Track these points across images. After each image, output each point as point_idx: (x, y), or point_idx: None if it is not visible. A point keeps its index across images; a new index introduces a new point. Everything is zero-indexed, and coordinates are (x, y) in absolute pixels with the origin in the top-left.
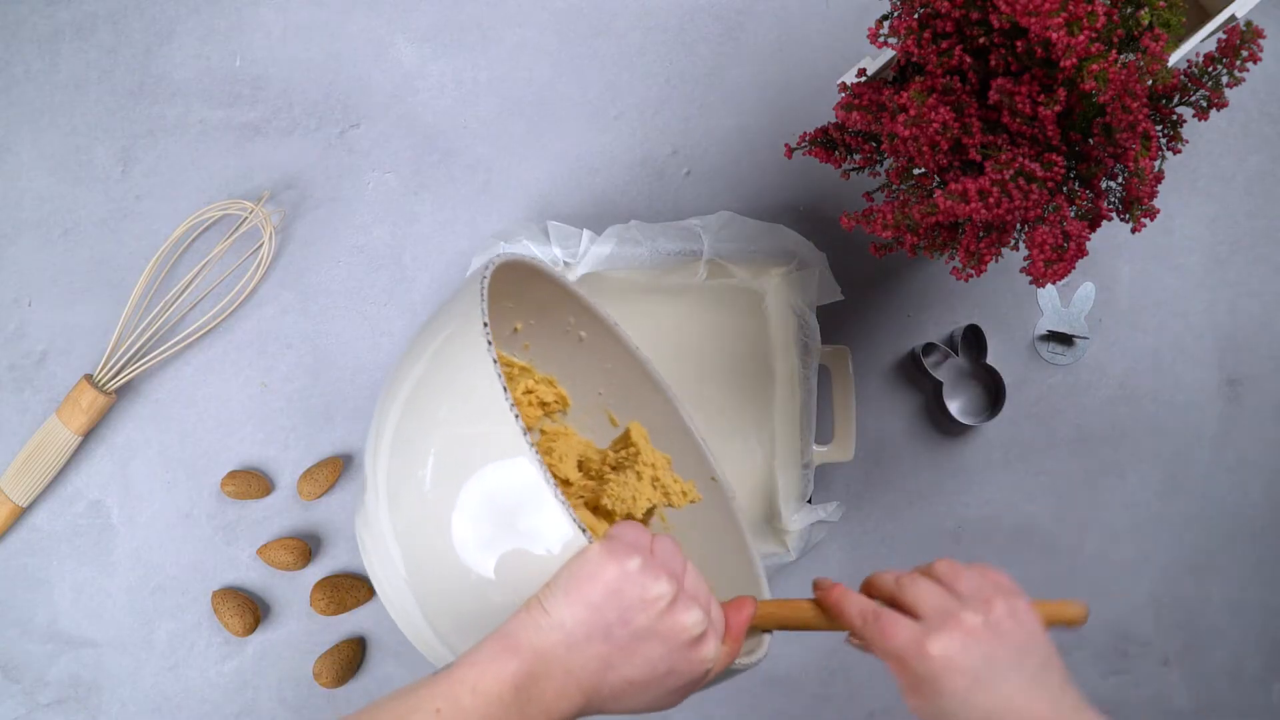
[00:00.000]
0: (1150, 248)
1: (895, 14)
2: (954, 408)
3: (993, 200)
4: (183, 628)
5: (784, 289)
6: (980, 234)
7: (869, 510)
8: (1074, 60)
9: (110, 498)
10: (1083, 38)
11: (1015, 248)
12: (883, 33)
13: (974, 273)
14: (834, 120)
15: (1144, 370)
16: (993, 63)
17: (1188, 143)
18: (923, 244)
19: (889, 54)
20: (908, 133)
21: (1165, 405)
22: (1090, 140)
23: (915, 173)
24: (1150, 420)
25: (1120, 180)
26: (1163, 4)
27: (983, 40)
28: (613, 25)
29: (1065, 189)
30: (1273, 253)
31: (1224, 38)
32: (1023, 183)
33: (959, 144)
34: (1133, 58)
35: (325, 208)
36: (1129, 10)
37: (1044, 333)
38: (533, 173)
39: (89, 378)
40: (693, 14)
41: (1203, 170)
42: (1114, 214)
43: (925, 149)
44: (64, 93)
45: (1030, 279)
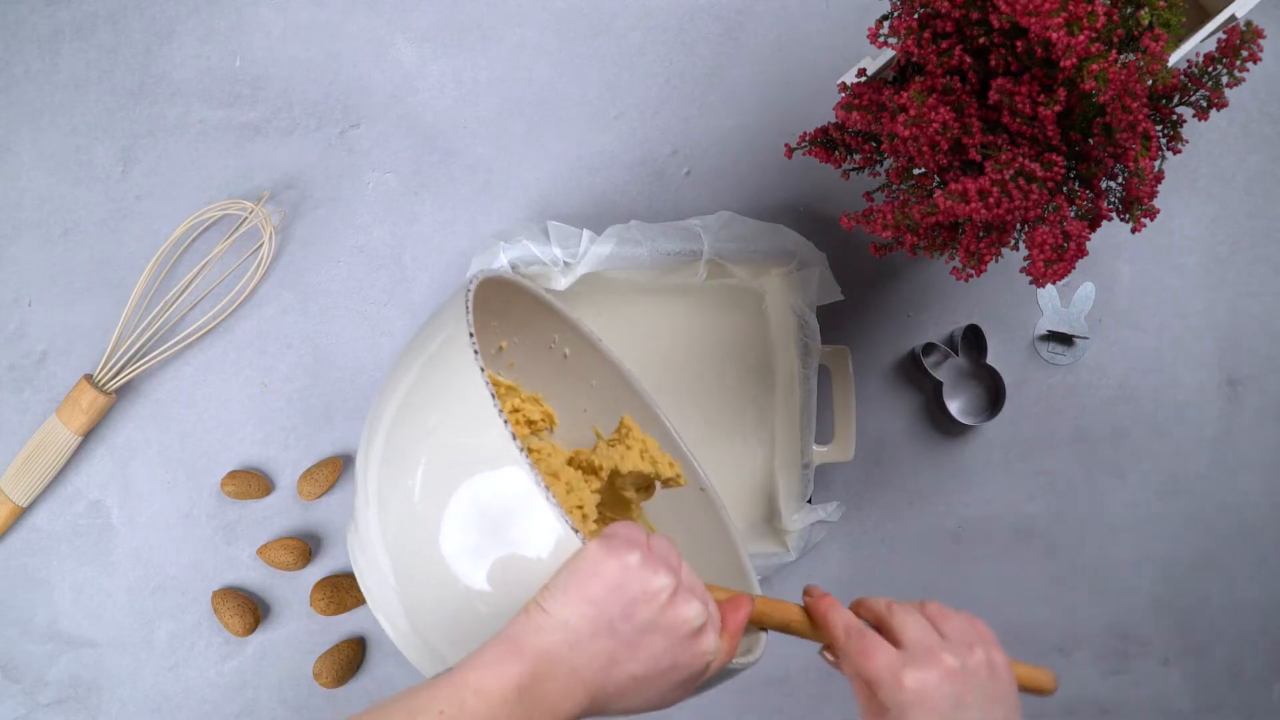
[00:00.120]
0: (1150, 248)
1: (895, 14)
2: (954, 408)
3: (993, 200)
4: (183, 628)
5: (784, 289)
6: (980, 234)
7: (869, 510)
8: (1074, 60)
9: (110, 498)
10: (1083, 38)
11: (1015, 248)
12: (883, 33)
13: (974, 273)
14: (834, 120)
15: (1144, 370)
16: (993, 63)
17: (1188, 143)
18: (923, 244)
19: (889, 54)
20: (908, 133)
21: (1165, 405)
22: (1090, 140)
23: (915, 173)
24: (1150, 420)
25: (1120, 180)
26: (1163, 4)
27: (983, 40)
28: (613, 25)
29: (1065, 189)
30: (1273, 253)
31: (1224, 38)
32: (1023, 183)
33: (959, 144)
34: (1133, 58)
35: (325, 208)
36: (1129, 10)
37: (1044, 333)
38: (533, 173)
39: (89, 378)
40: (693, 14)
41: (1203, 170)
42: (1114, 214)
43: (925, 149)
44: (64, 93)
45: (1030, 279)
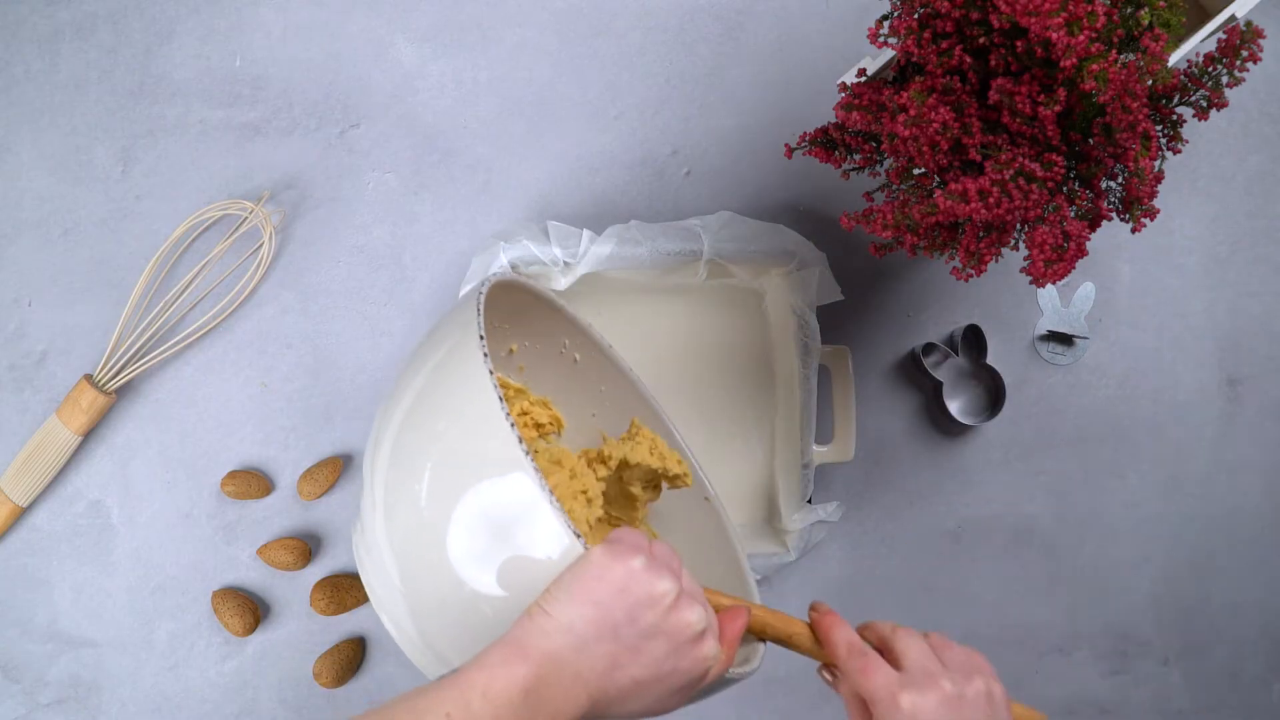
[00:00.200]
0: (1150, 248)
1: (895, 14)
2: (954, 408)
3: (993, 200)
4: (183, 628)
5: (784, 289)
6: (980, 234)
7: (869, 510)
8: (1074, 60)
9: (110, 498)
10: (1083, 38)
11: (1015, 248)
12: (883, 33)
13: (974, 273)
14: (834, 120)
15: (1144, 370)
16: (993, 63)
17: (1188, 143)
18: (923, 244)
19: (889, 54)
20: (908, 133)
21: (1165, 405)
22: (1090, 140)
23: (915, 173)
24: (1150, 420)
25: (1120, 180)
26: (1163, 4)
27: (983, 40)
28: (613, 25)
29: (1065, 189)
30: (1273, 253)
31: (1224, 38)
32: (1023, 183)
33: (959, 144)
34: (1133, 58)
35: (325, 208)
36: (1129, 10)
37: (1044, 333)
38: (533, 173)
39: (89, 378)
40: (693, 14)
41: (1203, 170)
42: (1114, 214)
43: (925, 149)
44: (64, 93)
45: (1030, 279)
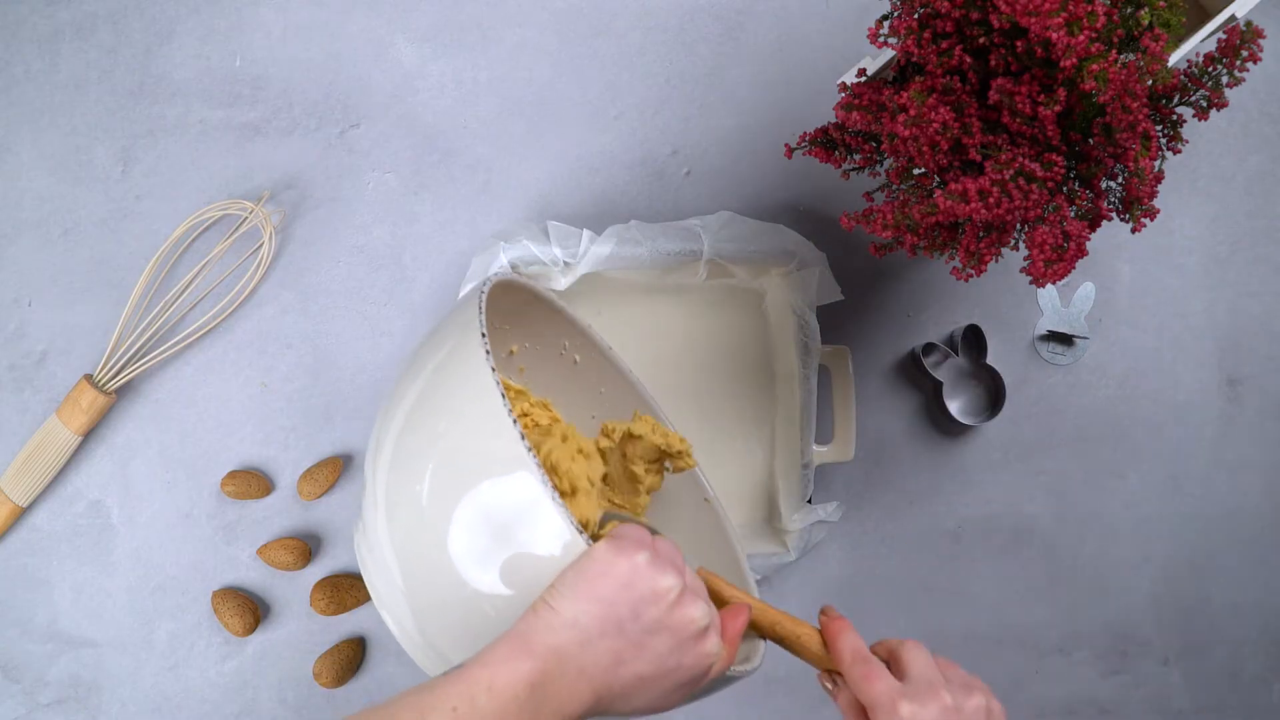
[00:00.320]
0: (1150, 248)
1: (895, 14)
2: (954, 408)
3: (993, 200)
4: (183, 628)
5: (784, 289)
6: (980, 234)
7: (869, 510)
8: (1074, 60)
9: (110, 498)
10: (1083, 38)
11: (1015, 248)
12: (883, 33)
13: (974, 273)
14: (834, 120)
15: (1144, 370)
16: (993, 63)
17: (1188, 143)
18: (923, 244)
19: (889, 54)
20: (908, 133)
21: (1165, 405)
22: (1090, 140)
23: (915, 173)
24: (1150, 420)
25: (1120, 180)
26: (1163, 4)
27: (983, 40)
28: (613, 25)
29: (1065, 189)
30: (1273, 253)
31: (1224, 38)
32: (1023, 183)
33: (959, 144)
34: (1133, 58)
35: (325, 208)
36: (1129, 10)
37: (1044, 333)
38: (533, 173)
39: (89, 378)
40: (693, 14)
41: (1203, 170)
42: (1114, 214)
43: (925, 149)
44: (64, 93)
45: (1030, 279)
